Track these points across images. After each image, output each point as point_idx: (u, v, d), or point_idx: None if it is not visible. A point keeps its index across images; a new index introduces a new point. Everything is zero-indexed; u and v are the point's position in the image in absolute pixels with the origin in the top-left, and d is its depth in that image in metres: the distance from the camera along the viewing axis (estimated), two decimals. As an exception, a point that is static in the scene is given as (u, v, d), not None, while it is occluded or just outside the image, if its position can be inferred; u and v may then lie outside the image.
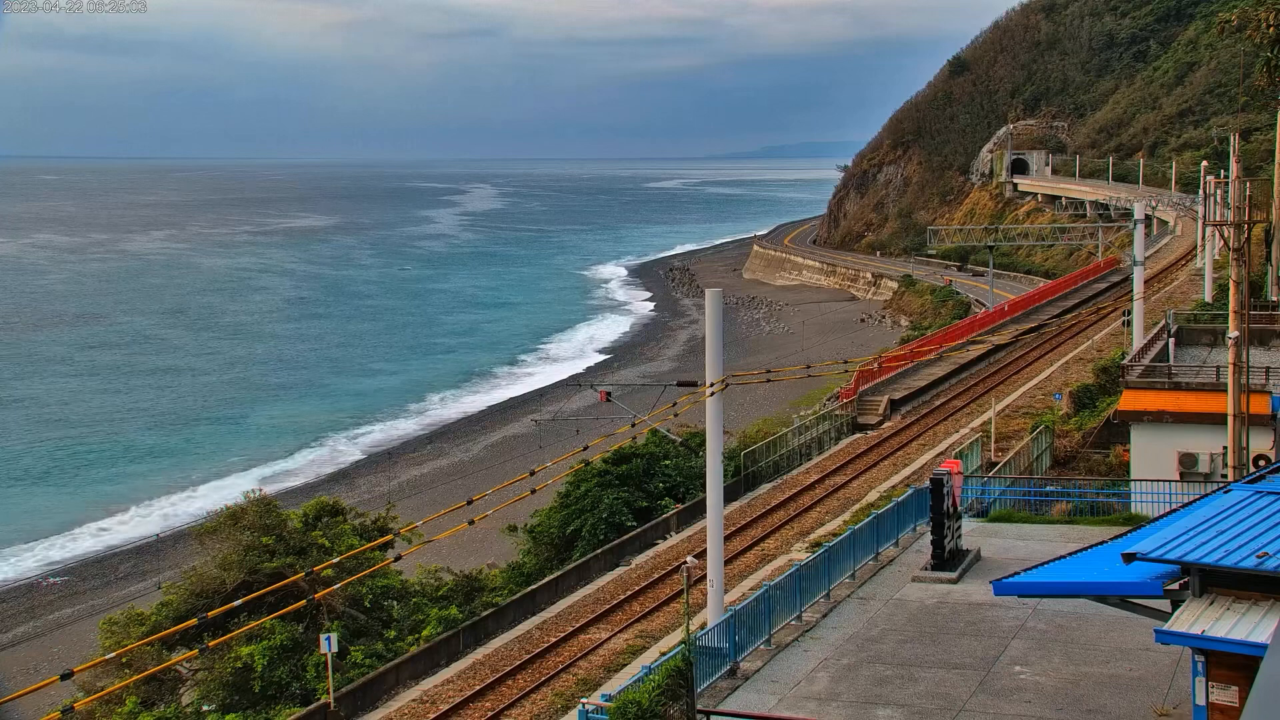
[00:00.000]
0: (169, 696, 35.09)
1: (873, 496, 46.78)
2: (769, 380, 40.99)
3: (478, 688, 31.92)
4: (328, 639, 30.24)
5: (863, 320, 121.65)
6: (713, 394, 25.52)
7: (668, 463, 50.00)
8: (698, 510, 44.80)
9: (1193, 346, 45.80)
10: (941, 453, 51.65)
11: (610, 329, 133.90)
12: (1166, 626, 15.15)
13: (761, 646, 22.60)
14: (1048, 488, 35.59)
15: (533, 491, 34.83)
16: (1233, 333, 30.29)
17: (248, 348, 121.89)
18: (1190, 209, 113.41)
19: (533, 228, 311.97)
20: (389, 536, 35.01)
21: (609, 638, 34.96)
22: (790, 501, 48.30)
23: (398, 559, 29.59)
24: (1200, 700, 15.15)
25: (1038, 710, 19.52)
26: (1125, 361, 43.24)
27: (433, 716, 30.44)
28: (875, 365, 66.65)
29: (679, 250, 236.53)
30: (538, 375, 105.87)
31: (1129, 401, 37.85)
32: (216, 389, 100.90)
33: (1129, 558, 15.65)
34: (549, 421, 69.59)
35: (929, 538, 27.16)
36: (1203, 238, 78.72)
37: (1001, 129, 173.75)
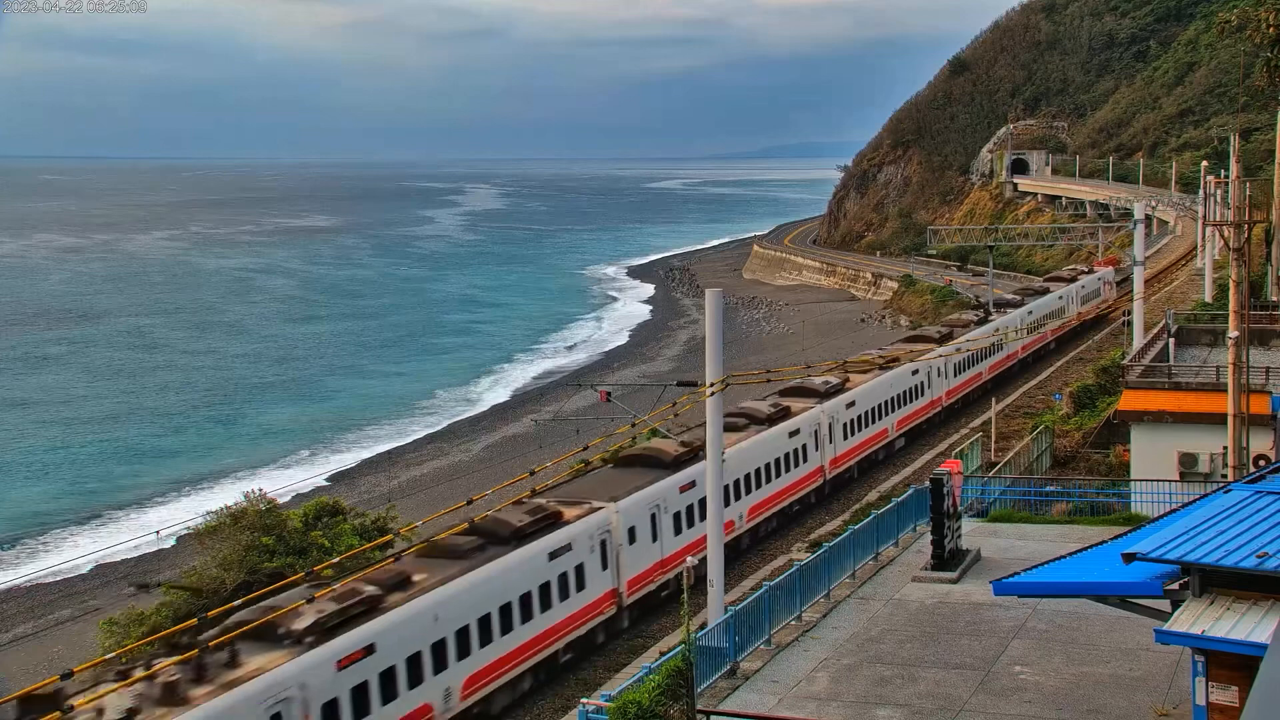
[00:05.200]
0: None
1: (873, 496, 46.82)
2: (769, 380, 41.02)
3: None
4: None
5: (863, 320, 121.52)
6: (713, 394, 25.54)
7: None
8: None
9: (1193, 346, 45.78)
10: (941, 453, 51.67)
11: (610, 329, 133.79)
12: (1166, 626, 15.14)
13: (761, 646, 22.61)
14: (1048, 488, 35.58)
15: (533, 491, 34.94)
16: (1233, 333, 30.29)
17: (248, 347, 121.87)
18: (1190, 209, 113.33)
19: (533, 228, 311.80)
20: (389, 536, 34.99)
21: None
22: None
23: (398, 558, 29.62)
24: (1200, 700, 15.15)
25: (1038, 710, 19.52)
26: (1125, 361, 43.25)
27: None
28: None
29: (679, 250, 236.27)
30: (537, 375, 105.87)
31: (1129, 401, 37.86)
32: (216, 389, 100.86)
33: (1129, 558, 15.64)
34: (549, 421, 69.53)
35: (929, 538, 27.18)
36: (1203, 238, 78.64)
37: (1001, 129, 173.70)
